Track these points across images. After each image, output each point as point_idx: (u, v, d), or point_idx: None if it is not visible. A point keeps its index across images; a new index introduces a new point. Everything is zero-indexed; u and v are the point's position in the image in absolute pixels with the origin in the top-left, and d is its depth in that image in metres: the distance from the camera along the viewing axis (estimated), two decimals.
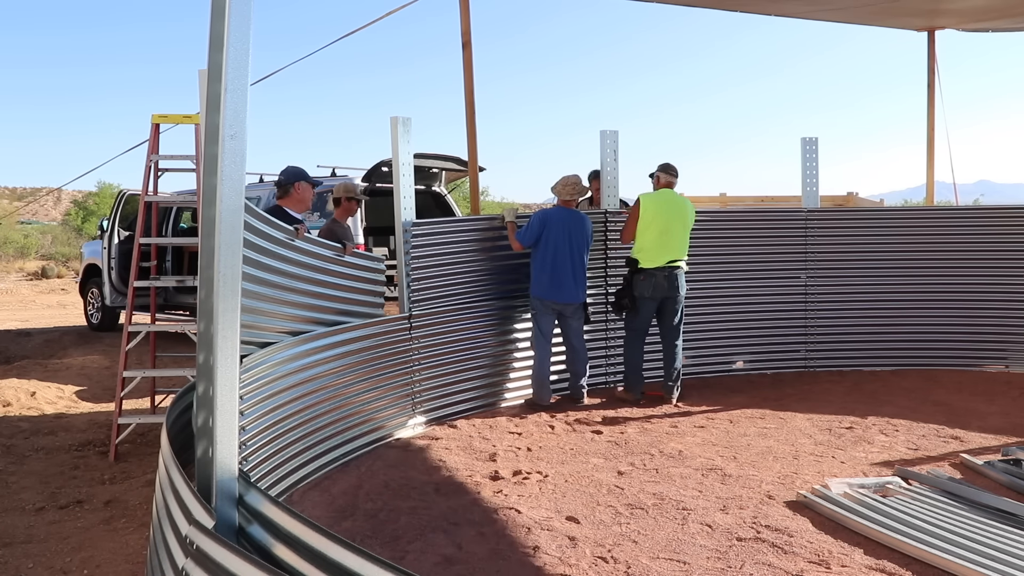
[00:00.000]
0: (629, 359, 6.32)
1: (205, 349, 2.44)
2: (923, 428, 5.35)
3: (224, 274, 2.36)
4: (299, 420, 4.38)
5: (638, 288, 6.19)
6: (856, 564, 3.26)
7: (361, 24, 11.70)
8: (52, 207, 47.70)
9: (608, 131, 6.68)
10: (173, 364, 6.80)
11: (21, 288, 18.70)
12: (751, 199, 10.26)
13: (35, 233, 28.15)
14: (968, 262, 7.30)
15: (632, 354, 6.30)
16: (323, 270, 4.82)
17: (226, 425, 2.40)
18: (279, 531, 2.18)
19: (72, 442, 5.69)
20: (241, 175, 2.37)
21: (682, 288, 6.25)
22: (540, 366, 6.03)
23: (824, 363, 7.24)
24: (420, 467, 4.61)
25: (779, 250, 7.29)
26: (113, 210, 10.07)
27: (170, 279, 6.74)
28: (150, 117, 5.65)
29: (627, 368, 6.33)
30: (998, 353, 7.22)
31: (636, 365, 6.28)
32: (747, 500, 4.00)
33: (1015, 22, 8.62)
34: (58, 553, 3.83)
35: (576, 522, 3.75)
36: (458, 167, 8.99)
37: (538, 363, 6.03)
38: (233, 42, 2.29)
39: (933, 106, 9.09)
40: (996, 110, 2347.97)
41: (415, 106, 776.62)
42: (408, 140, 5.62)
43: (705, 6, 8.53)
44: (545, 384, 6.02)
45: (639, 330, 6.29)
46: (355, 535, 3.58)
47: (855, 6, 8.01)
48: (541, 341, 6.04)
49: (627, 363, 6.34)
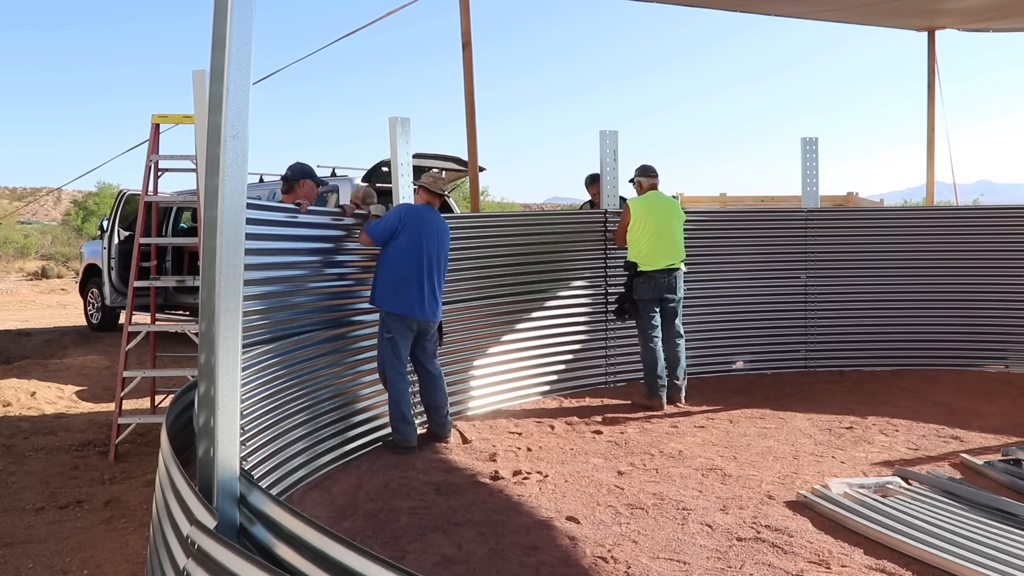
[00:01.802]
0: (647, 360, 6.09)
1: (207, 349, 2.45)
2: (923, 428, 5.36)
3: (226, 274, 2.36)
4: (299, 420, 4.39)
5: (638, 291, 6.15)
6: (856, 564, 3.26)
7: (361, 24, 11.70)
8: (52, 207, 47.67)
9: (608, 131, 6.69)
10: (173, 364, 6.80)
11: (21, 288, 18.69)
12: (751, 199, 10.27)
13: (35, 233, 28.12)
14: (968, 262, 7.30)
15: (648, 354, 6.08)
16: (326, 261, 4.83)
17: (228, 425, 2.40)
18: (281, 531, 2.18)
19: (72, 442, 5.69)
20: (243, 175, 2.38)
21: (680, 289, 6.23)
22: (401, 398, 4.92)
23: (824, 363, 7.24)
24: (420, 467, 4.61)
25: (779, 250, 7.30)
26: (113, 210, 10.07)
27: (170, 279, 6.74)
28: (150, 117, 5.65)
29: (647, 370, 6.10)
30: (998, 353, 7.23)
31: (653, 364, 6.04)
32: (747, 500, 4.00)
33: (1015, 22, 8.62)
34: (58, 553, 3.83)
35: (576, 522, 3.75)
36: (458, 167, 8.99)
37: (398, 395, 4.92)
38: (235, 43, 2.30)
39: (933, 106, 9.09)
40: (996, 110, 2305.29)
41: (415, 106, 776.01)
42: (407, 140, 5.64)
43: (705, 6, 8.53)
44: (409, 421, 4.94)
45: (650, 330, 6.14)
46: (355, 535, 3.57)
47: (855, 6, 8.01)
48: (398, 368, 4.96)
49: (646, 365, 6.11)
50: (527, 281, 6.40)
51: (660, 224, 6.15)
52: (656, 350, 6.07)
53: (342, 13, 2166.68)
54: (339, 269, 5.15)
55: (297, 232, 4.67)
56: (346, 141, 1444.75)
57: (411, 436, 4.94)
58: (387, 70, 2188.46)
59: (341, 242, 5.11)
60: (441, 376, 5.22)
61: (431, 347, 5.16)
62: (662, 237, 6.14)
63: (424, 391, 5.19)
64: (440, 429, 5.12)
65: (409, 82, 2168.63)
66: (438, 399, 5.14)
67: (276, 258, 4.44)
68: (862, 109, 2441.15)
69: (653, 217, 6.16)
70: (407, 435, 4.92)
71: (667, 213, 6.21)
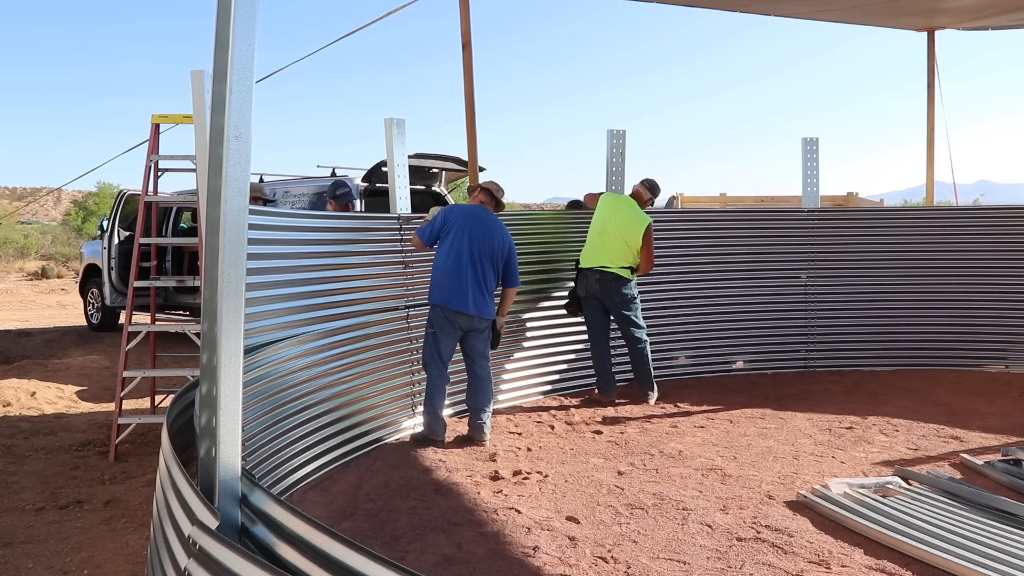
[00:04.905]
0: (592, 359, 6.29)
1: (209, 349, 2.45)
2: (923, 428, 5.36)
3: (228, 274, 2.36)
4: (299, 420, 4.39)
5: (577, 287, 6.27)
6: (856, 564, 3.26)
7: (361, 24, 11.70)
8: (52, 207, 47.67)
9: (615, 130, 6.68)
10: (173, 364, 6.80)
11: (21, 288, 18.68)
12: (751, 199, 10.28)
13: (35, 233, 28.11)
14: (968, 262, 7.31)
15: (592, 353, 6.28)
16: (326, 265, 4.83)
17: (229, 425, 2.41)
18: (283, 531, 2.18)
19: (72, 442, 5.69)
20: (246, 176, 2.38)
21: (615, 295, 6.08)
22: (434, 393, 5.05)
23: (824, 363, 7.24)
24: (420, 467, 4.62)
25: (780, 250, 7.31)
26: (113, 210, 10.07)
27: (170, 279, 6.74)
28: (150, 117, 5.65)
29: (594, 369, 6.29)
30: (998, 353, 7.24)
31: (597, 364, 6.22)
32: (747, 500, 4.01)
33: (1015, 19, 8.62)
34: (58, 553, 3.83)
35: (576, 522, 3.75)
36: (458, 167, 8.99)
37: (432, 389, 5.06)
38: (238, 43, 2.30)
39: (933, 106, 9.09)
40: (996, 110, 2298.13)
41: (415, 106, 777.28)
42: (403, 141, 5.68)
43: (705, 6, 8.53)
44: (438, 415, 5.06)
45: (591, 329, 6.25)
46: (355, 535, 3.58)
47: (855, 6, 8.01)
48: (438, 363, 5.07)
49: (593, 363, 6.31)
50: (527, 281, 6.39)
51: (605, 223, 6.17)
52: (594, 348, 6.23)
53: (342, 13, 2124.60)
54: (340, 271, 5.14)
55: (297, 236, 4.67)
56: (346, 141, 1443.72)
57: (438, 430, 5.04)
58: (387, 70, 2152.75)
59: (344, 244, 5.11)
60: (487, 378, 5.20)
61: (480, 346, 5.17)
62: (601, 236, 6.16)
63: (468, 390, 5.24)
64: (473, 432, 5.11)
65: (409, 82, 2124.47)
66: (477, 401, 5.14)
67: (278, 262, 4.44)
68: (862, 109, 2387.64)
69: (602, 215, 6.21)
70: (434, 429, 5.03)
71: (616, 215, 6.16)
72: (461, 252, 5.03)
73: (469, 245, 5.05)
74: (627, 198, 6.34)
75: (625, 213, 6.17)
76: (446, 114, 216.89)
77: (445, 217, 5.12)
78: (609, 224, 6.15)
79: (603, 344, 6.22)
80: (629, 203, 6.27)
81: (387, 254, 5.43)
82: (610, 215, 6.18)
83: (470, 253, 5.05)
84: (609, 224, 6.15)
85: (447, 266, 5.02)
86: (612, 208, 6.21)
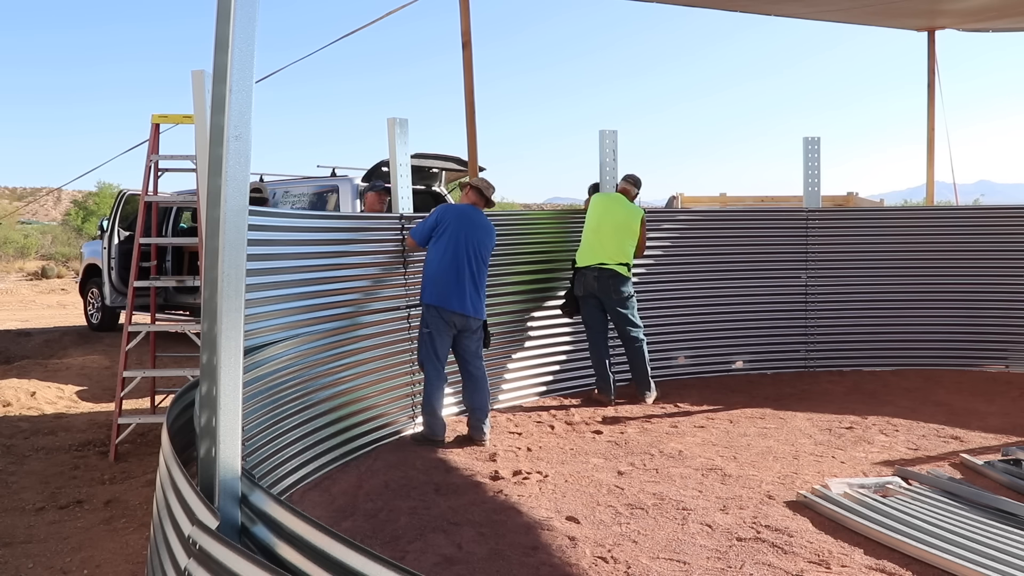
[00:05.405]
0: (591, 359, 6.32)
1: (209, 349, 2.45)
2: (923, 428, 5.36)
3: (228, 274, 2.36)
4: (299, 420, 4.39)
5: (575, 287, 6.27)
6: (856, 564, 3.26)
7: (361, 24, 11.70)
8: (52, 207, 47.65)
9: (607, 131, 6.69)
10: (173, 364, 6.80)
11: (21, 288, 18.68)
12: (751, 199, 10.28)
13: (35, 233, 28.11)
14: (968, 262, 7.31)
15: (591, 353, 6.30)
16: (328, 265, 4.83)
17: (229, 425, 2.41)
18: (283, 531, 2.18)
19: (72, 442, 5.69)
20: (246, 176, 2.38)
21: (613, 292, 6.12)
22: (432, 393, 5.07)
23: (824, 363, 7.24)
24: (420, 467, 4.62)
25: (780, 250, 7.31)
26: (113, 210, 10.06)
27: (170, 279, 6.74)
28: (150, 117, 5.65)
29: (594, 369, 6.31)
30: (998, 353, 7.23)
31: (596, 364, 6.24)
32: (747, 500, 4.01)
33: (1015, 22, 8.62)
34: (58, 553, 3.83)
35: (576, 522, 3.75)
36: (458, 167, 8.99)
37: (430, 389, 5.07)
38: (238, 44, 2.30)
39: (933, 106, 9.10)
40: (996, 110, 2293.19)
41: (415, 106, 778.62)
42: (405, 141, 5.68)
43: (705, 6, 8.53)
44: (437, 415, 5.09)
45: (589, 328, 6.27)
46: (355, 535, 3.58)
47: (855, 6, 8.02)
48: (435, 363, 5.10)
49: (592, 363, 6.33)
50: (526, 281, 6.40)
51: (600, 221, 6.21)
52: (593, 347, 6.25)
53: (342, 13, 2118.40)
54: (340, 271, 5.14)
55: (297, 237, 4.66)
56: (346, 141, 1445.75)
57: (438, 430, 5.06)
58: (387, 70, 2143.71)
59: (343, 244, 5.11)
60: (482, 378, 5.23)
61: (473, 346, 5.20)
62: (597, 234, 6.19)
63: (464, 390, 5.27)
64: (473, 432, 5.13)
65: (409, 82, 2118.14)
66: (475, 400, 5.17)
67: (278, 262, 4.44)
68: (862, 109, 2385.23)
69: (596, 214, 6.26)
70: (434, 429, 5.05)
71: (611, 212, 6.23)
72: (458, 253, 5.07)
73: (465, 246, 5.10)
74: (617, 195, 6.42)
75: (619, 209, 6.27)
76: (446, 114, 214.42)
77: (438, 218, 5.14)
78: (604, 221, 6.20)
79: (602, 344, 6.24)
80: (619, 199, 6.36)
81: (387, 254, 5.43)
82: (603, 212, 6.24)
83: (466, 254, 5.10)
84: (604, 221, 6.20)
85: (443, 267, 5.05)
86: (605, 206, 6.29)
